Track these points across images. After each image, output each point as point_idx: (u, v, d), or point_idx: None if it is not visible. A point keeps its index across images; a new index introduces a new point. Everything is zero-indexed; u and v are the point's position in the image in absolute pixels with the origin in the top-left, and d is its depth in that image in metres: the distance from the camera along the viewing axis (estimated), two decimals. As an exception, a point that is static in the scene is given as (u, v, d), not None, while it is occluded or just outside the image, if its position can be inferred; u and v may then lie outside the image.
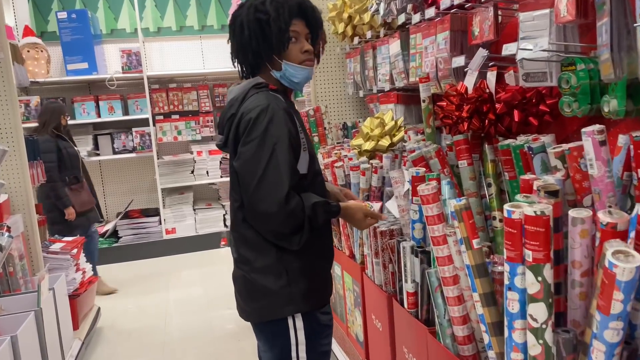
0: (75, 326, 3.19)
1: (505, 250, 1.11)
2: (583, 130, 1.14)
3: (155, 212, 5.60)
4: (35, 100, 5.10)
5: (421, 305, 1.73)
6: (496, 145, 1.86)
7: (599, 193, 1.15)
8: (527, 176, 1.36)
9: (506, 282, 1.13)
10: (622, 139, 1.39)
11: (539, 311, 1.05)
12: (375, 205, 1.71)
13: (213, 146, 5.77)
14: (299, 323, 1.61)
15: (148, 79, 5.33)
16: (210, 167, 5.66)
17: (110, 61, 5.58)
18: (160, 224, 5.48)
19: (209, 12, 5.84)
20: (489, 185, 1.92)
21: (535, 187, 1.24)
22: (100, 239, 5.33)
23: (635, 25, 1.29)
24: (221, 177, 5.68)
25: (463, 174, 1.86)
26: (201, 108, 5.69)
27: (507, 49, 1.58)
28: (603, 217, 0.99)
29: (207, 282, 4.58)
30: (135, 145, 5.40)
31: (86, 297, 3.42)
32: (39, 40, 5.12)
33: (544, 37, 1.57)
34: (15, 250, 2.76)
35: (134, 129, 5.39)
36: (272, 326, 1.64)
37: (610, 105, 1.46)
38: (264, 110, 1.55)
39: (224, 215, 5.65)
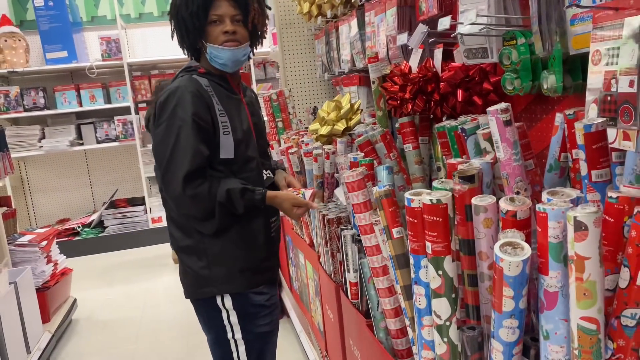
0: (46, 319, 3.15)
1: (408, 241, 1.03)
2: (488, 109, 1.05)
3: (141, 201, 5.55)
4: (15, 90, 5.03)
5: (361, 296, 1.65)
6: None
7: (506, 178, 1.06)
8: (453, 160, 1.27)
9: (412, 275, 1.05)
10: (558, 118, 1.30)
11: (442, 307, 0.97)
12: (307, 193, 1.65)
13: (198, 133, 5.69)
14: (228, 303, 1.64)
15: (129, 66, 5.24)
16: (196, 155, 5.58)
17: (91, 49, 5.50)
18: (146, 213, 5.43)
19: (190, -4, 5.71)
20: (438, 169, 1.83)
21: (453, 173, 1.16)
22: (87, 229, 5.31)
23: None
24: (207, 164, 5.60)
25: (409, 157, 1.77)
26: (185, 95, 5.60)
27: (442, 24, 1.48)
28: (503, 204, 0.90)
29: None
30: (117, 133, 5.33)
31: (58, 289, 3.38)
32: (16, 29, 5.04)
33: (482, 9, 1.47)
34: (-24, 243, 2.72)
35: (116, 118, 5.32)
36: (204, 306, 1.68)
37: (549, 81, 1.36)
38: (172, 93, 1.55)
39: (210, 202, 5.59)
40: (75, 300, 3.68)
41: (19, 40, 5.01)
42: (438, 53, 1.74)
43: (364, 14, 2.25)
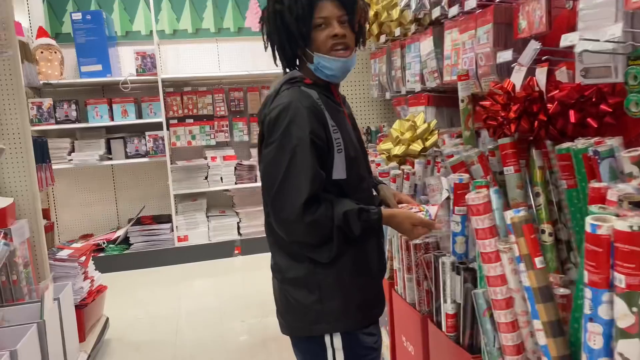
0: (82, 338, 3.03)
1: (586, 272, 0.92)
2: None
3: (167, 219, 5.44)
4: (48, 102, 4.98)
5: (464, 330, 1.53)
6: (544, 149, 1.67)
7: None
8: (597, 184, 1.17)
9: (587, 311, 0.93)
10: None
11: (632, 350, 0.86)
12: (432, 210, 1.47)
13: (228, 152, 5.62)
14: (337, 343, 1.44)
15: (162, 82, 5.20)
16: (225, 174, 5.49)
17: (125, 64, 5.46)
18: (173, 231, 5.32)
19: (225, 14, 5.71)
20: (536, 194, 1.72)
21: (614, 198, 1.05)
22: (111, 245, 5.20)
23: None
24: (235, 183, 5.52)
25: (509, 181, 1.66)
26: (216, 112, 5.54)
27: (568, 39, 1.39)
28: None
29: (219, 293, 4.40)
30: (148, 149, 5.26)
31: (94, 307, 3.26)
32: (52, 41, 5.01)
33: (610, 27, 1.38)
34: (19, 257, 2.61)
35: (147, 133, 5.25)
36: (307, 343, 1.48)
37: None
38: (284, 109, 1.40)
39: (237, 223, 5.48)
40: (107, 319, 3.55)
41: (55, 52, 4.98)
42: (541, 72, 1.65)
43: (443, 31, 2.17)
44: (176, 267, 5.19)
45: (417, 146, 2.09)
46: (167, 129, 5.32)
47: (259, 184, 5.59)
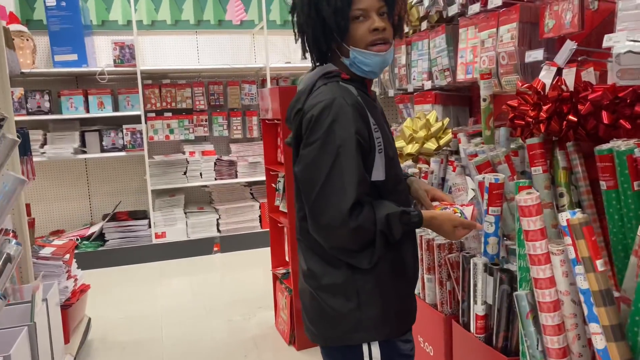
0: (66, 339, 2.88)
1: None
2: None
3: (143, 215, 5.28)
4: (19, 92, 4.75)
5: (497, 332, 1.51)
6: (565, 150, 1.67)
7: None
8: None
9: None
10: None
11: None
12: (467, 211, 1.41)
13: (206, 147, 5.50)
14: (376, 352, 1.37)
15: (141, 73, 5.03)
16: (204, 169, 5.37)
17: (100, 54, 5.26)
18: (150, 227, 5.17)
19: (206, 6, 5.56)
20: (560, 195, 1.73)
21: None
22: (86, 242, 5.01)
23: None
24: (215, 179, 5.40)
25: (537, 181, 1.66)
26: (195, 106, 5.41)
27: (612, 40, 1.38)
28: None
29: (199, 291, 4.29)
30: (125, 143, 5.08)
31: (78, 307, 3.12)
32: (24, 28, 4.77)
33: (650, 29, 1.38)
34: (3, 255, 2.46)
35: (124, 126, 5.08)
36: (343, 352, 1.39)
37: None
38: (327, 106, 1.31)
39: (217, 219, 5.37)
40: (90, 319, 3.41)
41: (27, 40, 4.75)
42: (570, 72, 1.65)
43: (456, 29, 2.15)
44: (154, 264, 5.05)
45: (431, 145, 2.07)
46: (145, 122, 5.15)
47: (239, 179, 5.50)
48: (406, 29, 2.56)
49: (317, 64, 1.50)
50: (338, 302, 1.37)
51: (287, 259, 3.33)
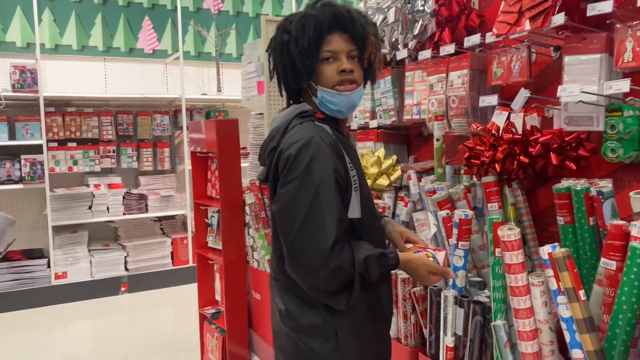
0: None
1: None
2: None
3: (40, 254, 4.82)
4: None
5: (469, 362, 1.57)
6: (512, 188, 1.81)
7: None
8: (617, 222, 1.30)
9: None
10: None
11: None
12: (439, 256, 1.44)
13: (113, 179, 5.19)
14: None
15: (43, 100, 4.67)
16: (112, 203, 5.05)
17: (-6, 77, 4.83)
18: (49, 267, 4.73)
19: (116, 33, 5.34)
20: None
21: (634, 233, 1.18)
22: (-29, 285, 4.45)
23: None
24: (124, 214, 5.09)
25: (494, 216, 1.77)
26: (102, 136, 5.11)
27: (565, 90, 1.54)
28: None
29: (108, 335, 3.97)
30: (23, 174, 4.65)
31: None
32: None
33: (594, 81, 1.57)
34: None
35: (22, 156, 4.65)
36: None
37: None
38: (305, 145, 1.32)
39: (125, 257, 5.05)
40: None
41: None
42: (518, 117, 1.80)
43: (402, 72, 2.28)
44: (53, 307, 4.60)
45: (384, 181, 2.14)
46: (47, 152, 4.76)
47: (149, 214, 5.24)
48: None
49: (291, 102, 1.51)
50: (316, 343, 1.35)
51: (217, 297, 3.20)
